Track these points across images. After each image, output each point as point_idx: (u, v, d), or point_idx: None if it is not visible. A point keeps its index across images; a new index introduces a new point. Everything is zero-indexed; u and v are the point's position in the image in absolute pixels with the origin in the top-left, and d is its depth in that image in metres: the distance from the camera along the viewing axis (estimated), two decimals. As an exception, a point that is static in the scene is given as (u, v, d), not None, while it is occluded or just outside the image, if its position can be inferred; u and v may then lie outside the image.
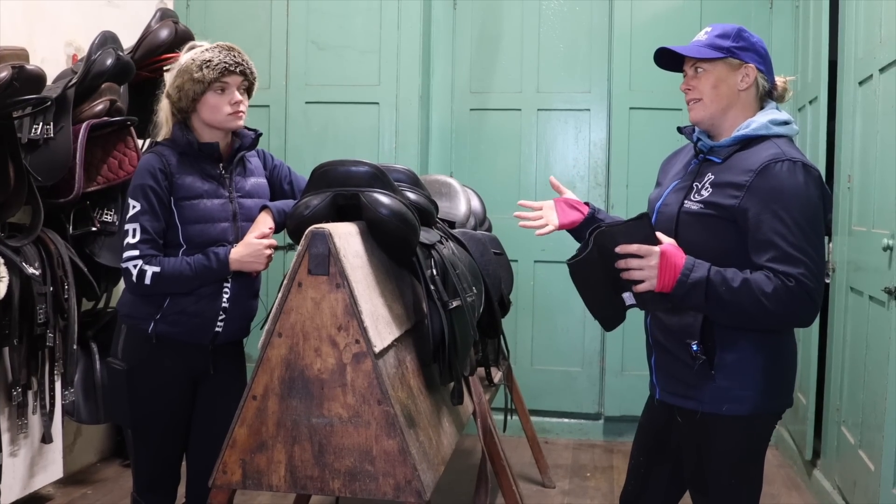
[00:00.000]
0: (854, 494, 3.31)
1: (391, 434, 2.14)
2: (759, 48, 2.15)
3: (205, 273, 2.51)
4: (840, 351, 3.64)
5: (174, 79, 2.56)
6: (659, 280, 2.00)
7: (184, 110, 2.57)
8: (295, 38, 4.86)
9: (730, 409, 2.08)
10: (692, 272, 1.99)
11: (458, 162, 5.01)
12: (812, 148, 4.12)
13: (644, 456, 2.39)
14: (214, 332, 2.59)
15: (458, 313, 2.49)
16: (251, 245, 2.54)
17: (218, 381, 2.65)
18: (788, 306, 1.96)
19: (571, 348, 4.90)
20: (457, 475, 3.88)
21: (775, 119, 2.12)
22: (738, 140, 2.11)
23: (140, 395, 2.57)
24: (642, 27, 4.67)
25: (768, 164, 2.01)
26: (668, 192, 2.23)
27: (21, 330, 3.25)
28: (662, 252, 2.00)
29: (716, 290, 1.98)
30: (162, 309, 2.53)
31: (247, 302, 2.67)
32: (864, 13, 3.47)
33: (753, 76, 2.13)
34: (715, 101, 2.13)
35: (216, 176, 2.60)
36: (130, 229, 2.48)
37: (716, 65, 2.13)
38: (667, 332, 2.19)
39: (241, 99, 2.59)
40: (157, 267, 2.46)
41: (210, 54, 2.55)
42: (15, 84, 2.92)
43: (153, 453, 2.65)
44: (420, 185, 2.70)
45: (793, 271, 1.95)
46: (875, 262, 3.14)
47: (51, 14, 3.85)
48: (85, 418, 3.68)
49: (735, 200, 2.03)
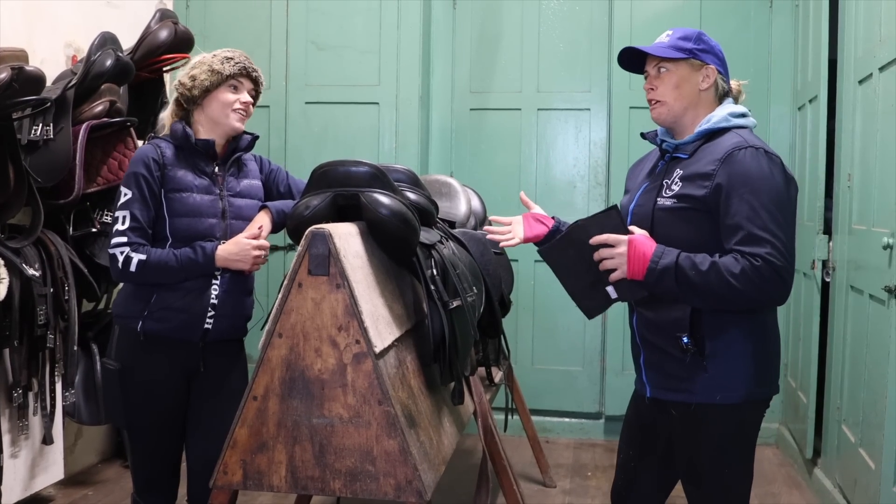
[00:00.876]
0: (855, 493, 3.31)
1: (392, 434, 2.14)
2: (718, 52, 2.25)
3: (190, 266, 2.51)
4: (840, 350, 3.64)
5: (190, 69, 2.59)
6: (629, 267, 2.10)
7: (191, 101, 2.58)
8: (295, 38, 4.86)
9: (723, 397, 2.14)
10: (661, 259, 2.08)
11: (459, 162, 5.01)
12: (812, 147, 4.12)
13: (633, 450, 2.43)
14: (204, 329, 2.58)
15: (459, 313, 2.50)
16: (239, 244, 2.54)
17: (209, 379, 2.64)
18: (758, 285, 2.02)
19: (572, 348, 4.90)
20: (458, 475, 3.88)
21: (734, 112, 2.21)
22: (702, 135, 2.20)
23: (132, 394, 2.58)
24: (642, 26, 4.66)
25: (732, 151, 2.10)
26: (639, 194, 2.31)
27: (21, 331, 3.24)
28: (630, 240, 2.11)
29: (685, 274, 2.05)
30: (149, 306, 2.54)
31: (239, 299, 2.66)
32: (863, 12, 3.47)
33: (714, 77, 2.22)
34: (678, 101, 2.22)
35: (209, 173, 2.60)
36: (120, 216, 2.50)
37: (679, 65, 2.22)
38: (654, 329, 2.24)
39: (250, 100, 2.63)
40: (143, 255, 2.47)
41: (231, 53, 2.61)
42: (14, 85, 2.92)
43: (149, 453, 2.65)
44: (420, 185, 2.70)
45: (759, 251, 2.01)
46: (875, 261, 3.14)
47: (50, 15, 3.85)
48: (86, 419, 3.67)
49: (705, 190, 2.11)
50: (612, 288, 2.19)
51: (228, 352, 2.69)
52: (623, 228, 2.15)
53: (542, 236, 2.45)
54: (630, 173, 2.51)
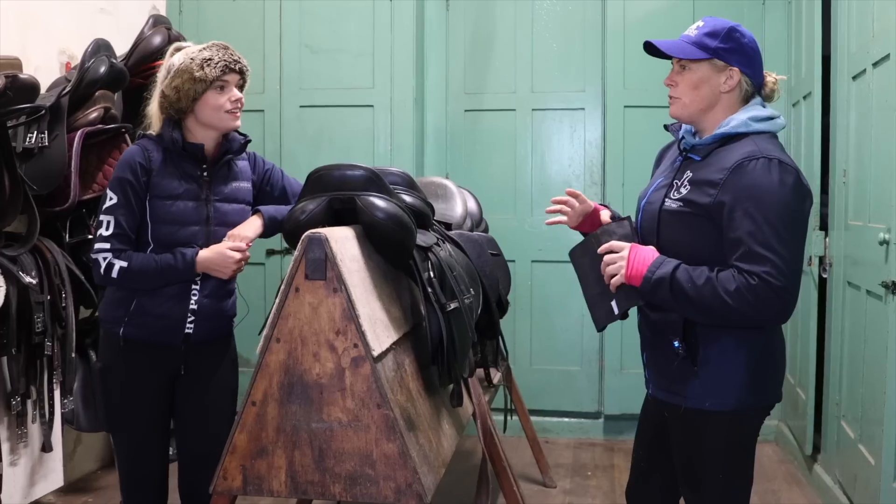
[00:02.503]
0: (855, 489, 3.32)
1: (391, 437, 2.14)
2: (748, 49, 2.13)
3: (170, 271, 2.51)
4: (839, 346, 3.64)
5: (171, 79, 2.53)
6: (627, 270, 2.07)
7: (181, 110, 2.55)
8: (288, 42, 4.86)
9: (713, 404, 2.09)
10: (658, 268, 2.04)
11: (454, 163, 5.00)
12: (807, 143, 4.13)
13: (644, 449, 2.41)
14: (185, 333, 2.59)
15: (456, 315, 2.50)
16: (221, 254, 2.53)
17: (193, 378, 2.64)
18: (753, 304, 1.95)
19: (570, 347, 4.90)
20: (457, 477, 3.87)
21: (756, 116, 2.11)
22: (718, 138, 2.12)
23: (113, 396, 2.59)
24: (635, 25, 4.67)
25: (742, 161, 2.01)
26: (652, 189, 2.26)
27: (19, 339, 3.24)
28: (633, 246, 2.09)
29: (681, 286, 2.01)
30: (129, 312, 2.54)
31: (219, 303, 2.66)
32: (856, 8, 3.47)
33: (737, 79, 2.12)
34: (694, 102, 2.14)
35: (196, 177, 2.58)
36: (105, 221, 2.50)
37: (701, 64, 2.12)
38: (653, 329, 2.23)
39: (240, 96, 2.60)
40: (124, 262, 2.47)
41: (209, 53, 2.54)
42: (9, 93, 2.91)
43: (133, 456, 2.65)
44: (416, 188, 2.70)
45: (757, 269, 1.94)
46: (872, 257, 3.15)
47: (44, 22, 3.85)
48: (84, 426, 3.67)
49: (710, 198, 2.03)
50: (615, 301, 2.15)
51: (213, 351, 2.69)
52: (634, 238, 2.14)
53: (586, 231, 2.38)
54: (657, 159, 2.43)
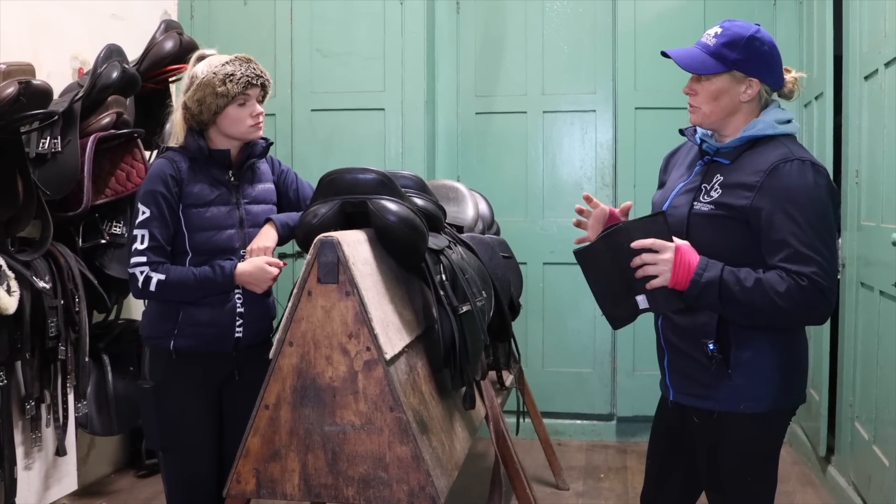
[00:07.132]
0: (869, 490, 3.30)
1: (404, 440, 2.14)
2: (768, 56, 2.11)
3: (209, 284, 2.52)
4: (852, 346, 3.62)
5: (193, 92, 2.54)
6: (673, 275, 2.01)
7: (203, 122, 2.57)
8: (299, 46, 4.87)
9: (748, 406, 2.09)
10: (706, 271, 2.00)
11: (465, 166, 5.00)
12: (819, 143, 4.11)
13: (658, 457, 2.40)
14: (235, 338, 2.59)
15: (469, 318, 2.50)
16: (261, 269, 2.54)
17: (243, 383, 2.63)
18: (802, 305, 1.96)
19: (582, 349, 4.89)
20: (470, 479, 3.87)
21: (780, 118, 2.12)
22: (745, 141, 2.11)
23: (166, 411, 2.56)
24: (646, 26, 4.66)
25: (778, 164, 2.02)
26: (675, 194, 2.22)
27: (33, 343, 3.25)
28: (677, 248, 2.01)
29: (729, 289, 1.98)
30: (178, 324, 2.54)
31: (262, 303, 2.67)
32: (868, 8, 3.46)
33: (757, 89, 2.11)
34: (715, 112, 2.13)
35: (225, 182, 2.61)
36: (139, 235, 2.49)
37: (720, 75, 2.11)
38: (680, 333, 2.19)
39: (261, 111, 2.62)
40: (162, 275, 2.48)
41: (232, 67, 2.55)
42: (22, 99, 2.93)
43: (185, 473, 2.60)
44: (427, 191, 2.70)
45: (805, 270, 1.95)
46: (885, 257, 3.13)
47: (56, 28, 3.87)
48: (98, 430, 3.69)
49: (746, 201, 2.03)
50: (644, 297, 2.07)
51: (259, 353, 2.64)
52: (668, 236, 2.04)
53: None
54: (665, 165, 2.41)
